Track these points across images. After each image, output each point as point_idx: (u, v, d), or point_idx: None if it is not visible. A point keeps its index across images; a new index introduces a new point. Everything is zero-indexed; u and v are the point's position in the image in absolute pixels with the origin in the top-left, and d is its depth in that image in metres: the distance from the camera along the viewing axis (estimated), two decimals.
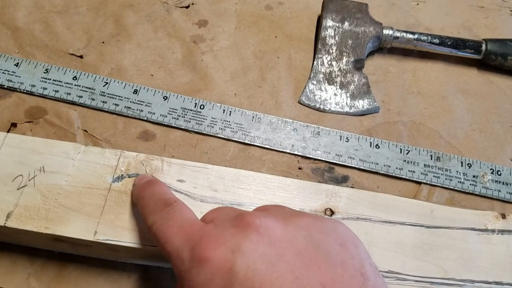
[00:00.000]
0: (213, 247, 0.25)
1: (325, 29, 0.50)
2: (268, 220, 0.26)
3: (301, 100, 0.48)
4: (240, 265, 0.24)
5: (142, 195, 0.33)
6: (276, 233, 0.26)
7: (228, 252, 0.25)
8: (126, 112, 0.45)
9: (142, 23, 0.51)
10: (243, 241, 0.25)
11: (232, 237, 0.25)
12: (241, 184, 0.37)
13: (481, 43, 0.50)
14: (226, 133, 0.45)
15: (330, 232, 0.27)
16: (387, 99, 0.49)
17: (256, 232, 0.25)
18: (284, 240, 0.25)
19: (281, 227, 0.26)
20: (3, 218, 0.34)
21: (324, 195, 0.38)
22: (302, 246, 0.25)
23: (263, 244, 0.25)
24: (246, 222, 0.26)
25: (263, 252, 0.24)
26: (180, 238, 0.27)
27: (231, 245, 0.25)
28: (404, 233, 0.36)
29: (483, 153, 0.46)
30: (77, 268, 0.38)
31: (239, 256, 0.24)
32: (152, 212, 0.30)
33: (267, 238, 0.25)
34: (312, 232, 0.26)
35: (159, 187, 0.34)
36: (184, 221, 0.29)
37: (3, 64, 0.47)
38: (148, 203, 0.32)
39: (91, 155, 0.37)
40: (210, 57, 0.50)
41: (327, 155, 0.45)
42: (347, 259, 0.25)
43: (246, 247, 0.25)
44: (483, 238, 0.37)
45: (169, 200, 0.31)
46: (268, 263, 0.24)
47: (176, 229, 0.28)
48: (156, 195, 0.32)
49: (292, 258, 0.24)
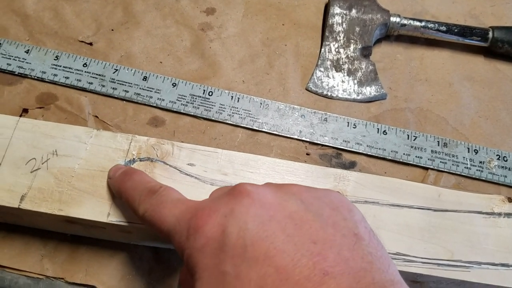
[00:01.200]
0: (208, 215, 0.26)
1: (332, 17, 0.50)
2: (260, 186, 0.27)
3: (309, 87, 0.48)
4: (232, 225, 0.25)
5: (124, 187, 0.33)
6: (267, 197, 0.26)
7: (221, 217, 0.25)
8: (135, 99, 0.46)
9: (150, 10, 0.52)
10: (235, 205, 0.26)
11: (225, 204, 0.26)
12: (250, 168, 0.38)
13: (488, 30, 0.51)
14: (234, 119, 0.46)
15: (322, 198, 0.27)
16: (394, 86, 0.49)
17: (247, 197, 0.26)
18: (275, 203, 0.26)
19: (272, 193, 0.27)
20: (17, 200, 0.35)
21: (333, 179, 0.38)
22: (293, 208, 0.26)
23: (254, 207, 0.26)
24: (238, 190, 0.27)
25: (255, 214, 0.25)
26: (175, 215, 0.28)
27: (224, 211, 0.26)
28: (411, 216, 0.37)
29: (490, 140, 0.47)
30: (89, 250, 0.39)
31: (231, 218, 0.25)
32: (140, 202, 0.30)
33: (258, 202, 0.26)
34: (303, 196, 0.27)
35: (139, 177, 0.33)
36: (174, 200, 0.29)
37: (14, 51, 0.47)
38: (133, 195, 0.31)
39: (103, 139, 0.38)
40: (218, 44, 0.50)
41: (334, 141, 0.45)
42: (339, 220, 0.25)
43: (238, 210, 0.25)
44: (490, 221, 0.37)
45: (154, 187, 0.31)
46: (259, 223, 0.25)
47: (168, 209, 0.29)
48: (139, 185, 0.32)
49: (283, 218, 0.25)
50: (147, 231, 0.35)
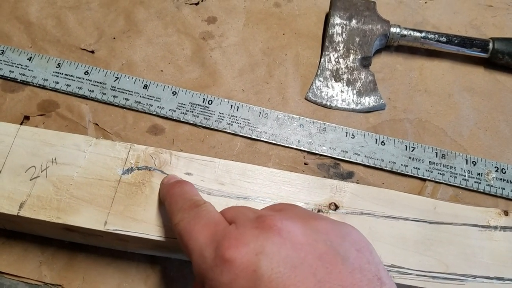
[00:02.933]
0: (236, 247, 0.26)
1: (332, 27, 0.50)
2: (289, 223, 0.27)
3: (308, 97, 0.49)
4: (265, 267, 0.25)
5: (171, 192, 0.34)
6: (297, 237, 0.26)
7: (252, 253, 0.25)
8: (136, 107, 0.46)
9: (152, 19, 0.52)
10: (266, 243, 0.26)
11: (255, 238, 0.26)
12: (247, 178, 0.38)
13: (488, 41, 0.51)
14: (233, 128, 0.46)
15: (346, 237, 0.28)
16: (394, 96, 0.50)
17: (278, 235, 0.26)
18: (305, 243, 0.26)
19: (301, 230, 0.27)
20: (16, 208, 0.35)
21: (329, 190, 0.38)
22: (323, 250, 0.26)
23: (285, 247, 0.26)
24: (267, 224, 0.27)
25: (286, 255, 0.25)
26: (205, 236, 0.28)
27: (254, 247, 0.26)
28: (407, 228, 0.37)
29: (488, 151, 0.47)
30: (87, 258, 0.39)
31: (263, 258, 0.25)
32: (180, 210, 0.31)
33: (289, 241, 0.26)
34: (330, 236, 0.27)
35: (189, 188, 0.34)
36: (210, 220, 0.29)
37: (17, 58, 0.48)
38: (177, 201, 0.32)
39: (102, 148, 0.38)
40: (219, 53, 0.51)
41: (332, 151, 0.45)
42: (364, 264, 0.26)
43: (269, 250, 0.25)
44: (485, 234, 0.37)
45: (198, 201, 0.31)
46: (291, 266, 0.25)
47: (201, 227, 0.29)
48: (186, 194, 0.33)
49: (314, 261, 0.25)
50: (143, 241, 0.35)
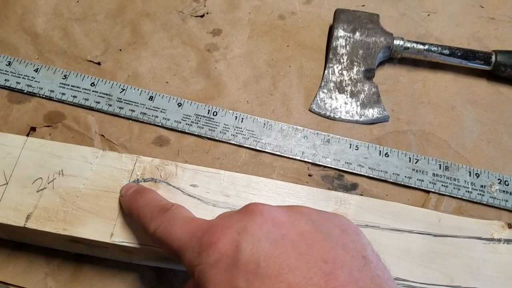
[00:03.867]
0: (221, 231, 0.27)
1: (336, 39, 0.51)
2: (271, 206, 0.28)
3: (312, 108, 0.49)
4: (246, 242, 0.25)
5: (135, 205, 0.33)
6: (279, 216, 0.27)
7: (235, 233, 0.26)
8: (141, 118, 0.47)
9: (158, 31, 0.53)
10: (248, 222, 0.27)
11: (237, 221, 0.27)
12: (252, 189, 0.38)
13: (491, 54, 0.51)
14: (238, 140, 0.46)
15: (331, 220, 0.28)
16: (397, 108, 0.50)
17: (260, 215, 0.27)
18: (287, 222, 0.27)
19: (284, 212, 0.28)
20: (23, 219, 0.35)
21: (334, 202, 0.38)
22: (305, 228, 0.27)
23: (267, 225, 0.26)
24: (250, 208, 0.28)
25: (267, 231, 0.26)
26: (187, 232, 0.29)
27: (237, 228, 0.27)
28: (411, 241, 0.37)
29: (491, 163, 0.47)
30: (92, 269, 0.39)
31: (245, 235, 0.26)
32: (152, 219, 0.31)
33: (271, 220, 0.27)
34: (313, 217, 0.28)
35: (151, 195, 0.34)
36: (186, 218, 0.30)
37: (23, 70, 0.49)
38: (144, 212, 0.32)
39: (109, 160, 0.38)
40: (224, 65, 0.51)
41: (336, 162, 0.46)
42: (348, 242, 0.26)
43: (251, 227, 0.26)
44: (489, 247, 0.37)
45: (166, 205, 0.32)
46: (272, 241, 0.25)
47: (179, 226, 0.29)
48: (151, 202, 0.33)
49: (295, 237, 0.26)
50: (148, 252, 0.36)
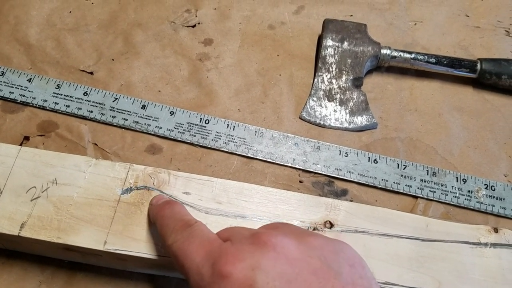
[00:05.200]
0: (233, 263, 0.26)
1: (325, 48, 0.52)
2: (283, 239, 0.28)
3: (302, 116, 0.50)
4: (261, 281, 0.25)
5: (161, 214, 0.34)
6: (292, 252, 0.27)
7: (248, 268, 0.26)
8: (134, 127, 0.47)
9: (150, 41, 0.54)
10: (262, 258, 0.26)
11: (250, 254, 0.27)
12: (244, 196, 0.39)
13: (476, 62, 0.52)
14: (229, 147, 0.47)
15: (339, 253, 0.29)
16: (385, 115, 0.51)
17: (273, 250, 0.27)
18: (299, 259, 0.27)
19: (296, 246, 0.28)
20: (17, 228, 0.36)
21: (324, 208, 0.39)
22: (317, 265, 0.27)
23: (280, 262, 0.26)
24: (263, 240, 0.28)
25: (281, 270, 0.26)
26: (201, 255, 0.28)
27: (251, 262, 0.26)
28: (400, 246, 0.38)
29: (478, 169, 0.48)
30: (86, 277, 0.40)
31: (259, 273, 0.26)
32: (173, 231, 0.31)
33: (284, 257, 0.27)
34: (324, 251, 0.28)
35: (179, 208, 0.35)
36: (204, 238, 0.30)
37: (17, 80, 0.49)
38: (168, 223, 0.32)
39: (102, 168, 0.39)
40: (215, 74, 0.52)
41: (327, 169, 0.46)
42: (356, 279, 0.27)
43: (265, 265, 0.26)
44: (476, 251, 0.38)
45: (190, 221, 0.32)
46: (286, 281, 0.26)
47: (196, 246, 0.29)
48: (177, 215, 0.33)
49: (308, 276, 0.26)
50: (142, 260, 0.36)
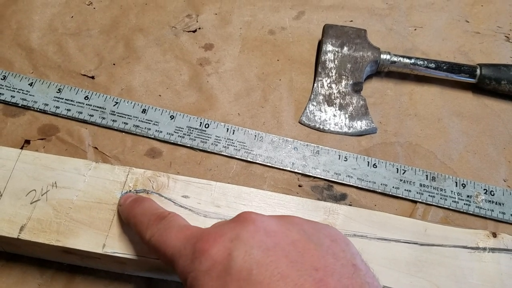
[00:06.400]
0: (214, 239, 0.27)
1: (325, 54, 0.52)
2: (264, 215, 0.29)
3: (302, 120, 0.50)
4: (238, 250, 0.26)
5: (133, 213, 0.34)
6: (271, 226, 0.28)
7: (227, 241, 0.27)
8: (134, 131, 0.48)
9: (151, 46, 0.54)
10: (241, 231, 0.27)
11: (230, 229, 0.28)
12: (243, 200, 0.39)
13: (476, 67, 0.52)
14: (229, 151, 0.47)
15: (321, 230, 0.29)
16: (385, 120, 0.51)
17: (252, 224, 0.28)
18: (279, 231, 0.28)
19: (276, 221, 0.29)
20: (17, 231, 0.36)
21: (323, 212, 0.39)
22: (296, 237, 0.27)
23: (259, 233, 0.27)
24: (243, 217, 0.29)
25: (260, 240, 0.27)
26: (181, 239, 0.29)
27: (230, 236, 0.27)
28: (398, 250, 0.38)
29: (477, 174, 0.48)
30: (85, 280, 0.40)
31: (237, 243, 0.27)
32: (148, 227, 0.32)
33: (263, 229, 0.28)
34: (304, 227, 0.29)
35: (148, 204, 0.35)
36: (181, 226, 0.31)
37: (18, 84, 0.49)
38: (141, 220, 0.33)
39: (101, 172, 0.39)
40: (215, 78, 0.52)
41: (326, 173, 0.47)
42: (338, 251, 0.27)
43: (244, 236, 0.27)
44: (475, 256, 0.38)
45: (162, 214, 0.33)
46: (264, 249, 0.26)
47: (174, 233, 0.30)
48: (148, 210, 0.34)
49: (287, 246, 0.27)
50: (140, 263, 0.36)
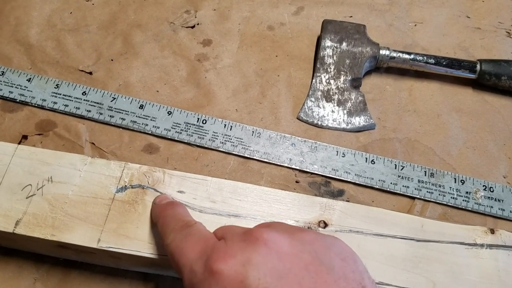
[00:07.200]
0: (224, 260, 0.27)
1: (323, 49, 0.52)
2: (275, 234, 0.28)
3: (300, 116, 0.50)
4: (252, 277, 0.25)
5: (164, 213, 0.34)
6: (283, 248, 0.27)
7: (239, 265, 0.26)
8: (132, 126, 0.48)
9: (149, 42, 0.54)
10: (253, 254, 0.27)
11: (241, 250, 0.27)
12: (239, 196, 0.39)
13: (476, 63, 0.52)
14: (226, 147, 0.47)
15: (331, 247, 0.28)
16: (383, 116, 0.51)
17: (264, 246, 0.27)
18: (291, 254, 0.27)
19: (287, 241, 0.28)
20: (12, 225, 0.36)
21: (318, 208, 0.39)
22: (308, 260, 0.27)
23: (271, 257, 0.26)
24: (254, 236, 0.28)
25: (273, 266, 0.26)
26: (195, 252, 0.29)
27: (242, 258, 0.26)
28: (395, 246, 0.37)
29: (476, 170, 0.48)
30: (80, 274, 0.40)
31: (250, 269, 0.26)
32: (172, 230, 0.32)
33: (275, 252, 0.27)
34: (315, 246, 0.28)
35: (181, 209, 0.35)
36: (200, 237, 0.30)
37: (16, 79, 0.49)
38: (169, 222, 0.33)
39: (97, 167, 0.39)
40: (213, 74, 0.52)
41: (323, 169, 0.46)
42: (348, 273, 0.27)
43: (256, 260, 0.26)
44: (472, 252, 0.38)
45: (189, 222, 0.33)
46: (278, 276, 0.26)
47: (192, 244, 0.30)
48: (178, 215, 0.34)
49: (300, 271, 0.26)
50: (135, 258, 0.36)
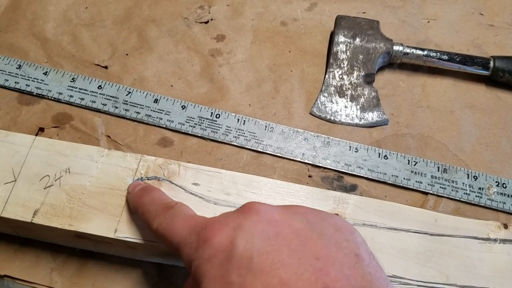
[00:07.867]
0: (218, 228, 0.28)
1: (337, 45, 0.52)
2: (268, 205, 0.29)
3: (313, 112, 0.50)
4: (240, 239, 0.26)
5: (141, 201, 0.35)
6: (274, 215, 0.28)
7: (230, 230, 0.27)
8: (146, 120, 0.48)
9: (163, 37, 0.54)
10: (244, 220, 0.28)
11: (234, 219, 0.28)
12: (253, 188, 0.39)
13: (489, 60, 0.52)
14: (239, 141, 0.48)
15: (326, 219, 0.29)
16: (396, 112, 0.51)
17: (256, 214, 0.28)
18: (281, 220, 0.28)
19: (279, 211, 0.29)
20: (30, 215, 0.37)
21: (332, 201, 0.39)
22: (299, 226, 0.27)
23: (262, 223, 0.27)
24: (247, 207, 0.29)
25: (262, 229, 0.27)
26: (187, 229, 0.30)
27: (233, 225, 0.28)
28: (408, 240, 0.38)
29: (489, 166, 0.48)
30: (96, 264, 0.40)
31: (239, 232, 0.27)
32: (156, 216, 0.32)
33: (265, 219, 0.28)
34: (308, 216, 0.29)
35: (157, 193, 0.35)
36: (188, 216, 0.31)
37: (33, 73, 0.50)
38: (149, 209, 0.33)
39: (114, 159, 0.40)
40: (227, 69, 0.53)
41: (336, 164, 0.47)
42: (341, 241, 0.27)
43: (246, 225, 0.27)
44: (485, 246, 0.38)
45: (170, 204, 0.33)
46: (265, 238, 0.26)
47: (181, 223, 0.30)
48: (156, 200, 0.34)
49: (289, 234, 0.27)
50: (151, 248, 0.37)
